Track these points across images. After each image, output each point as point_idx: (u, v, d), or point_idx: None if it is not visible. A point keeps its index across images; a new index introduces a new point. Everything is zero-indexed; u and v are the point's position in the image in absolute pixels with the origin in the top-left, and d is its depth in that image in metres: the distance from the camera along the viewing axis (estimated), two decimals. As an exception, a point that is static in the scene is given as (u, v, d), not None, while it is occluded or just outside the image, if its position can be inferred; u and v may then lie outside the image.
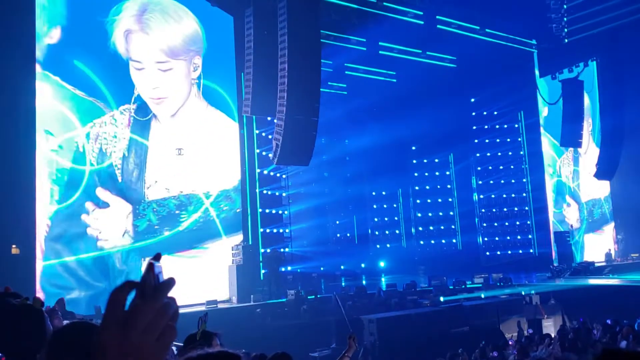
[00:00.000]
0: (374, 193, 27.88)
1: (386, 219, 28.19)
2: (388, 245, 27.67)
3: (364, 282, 22.54)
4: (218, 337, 3.58)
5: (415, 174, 28.63)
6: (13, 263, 13.06)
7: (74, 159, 15.40)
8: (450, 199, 28.58)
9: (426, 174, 28.60)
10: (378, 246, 27.54)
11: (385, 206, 28.29)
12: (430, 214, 28.39)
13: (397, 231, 28.25)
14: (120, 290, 0.96)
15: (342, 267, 24.57)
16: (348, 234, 27.01)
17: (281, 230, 19.85)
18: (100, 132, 15.90)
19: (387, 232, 28.12)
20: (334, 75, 22.94)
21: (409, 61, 23.50)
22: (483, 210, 27.85)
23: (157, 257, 1.01)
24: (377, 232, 27.89)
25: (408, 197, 28.45)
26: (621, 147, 25.69)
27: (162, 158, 16.92)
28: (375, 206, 28.02)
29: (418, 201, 28.49)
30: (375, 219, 27.94)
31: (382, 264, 26.52)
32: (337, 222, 26.73)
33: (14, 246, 13.31)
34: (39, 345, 2.08)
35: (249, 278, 16.68)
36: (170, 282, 0.98)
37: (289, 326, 14.71)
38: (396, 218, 28.35)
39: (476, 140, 27.90)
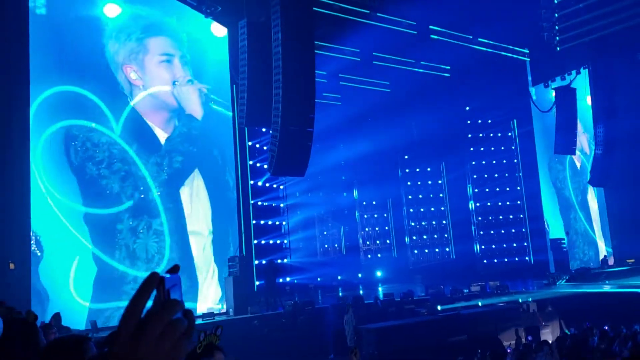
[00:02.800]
0: (364, 202, 27.80)
1: (377, 228, 28.09)
2: (379, 255, 27.57)
3: (361, 292, 22.45)
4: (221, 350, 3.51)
5: (408, 183, 28.60)
6: (9, 278, 12.98)
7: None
8: (442, 208, 28.56)
9: (419, 182, 28.58)
10: (369, 256, 27.44)
11: (375, 215, 28.20)
12: (423, 223, 28.34)
13: (387, 241, 28.15)
14: (135, 301, 0.93)
15: (339, 277, 24.47)
16: (336, 245, 26.89)
17: (278, 242, 19.76)
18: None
19: (377, 242, 28.01)
20: (328, 85, 22.96)
21: (402, 70, 23.59)
22: (479, 219, 27.84)
23: (173, 270, 0.98)
24: (368, 242, 27.78)
25: (401, 207, 28.36)
26: (615, 154, 25.75)
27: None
28: (366, 216, 27.95)
29: (411, 210, 28.47)
30: (367, 229, 27.85)
31: (379, 273, 26.42)
32: (325, 233, 26.58)
33: (10, 262, 13.21)
34: (32, 358, 2.06)
35: (245, 290, 16.59)
36: (177, 303, 0.95)
37: (287, 337, 14.63)
38: (387, 228, 28.28)
39: (472, 149, 27.96)
